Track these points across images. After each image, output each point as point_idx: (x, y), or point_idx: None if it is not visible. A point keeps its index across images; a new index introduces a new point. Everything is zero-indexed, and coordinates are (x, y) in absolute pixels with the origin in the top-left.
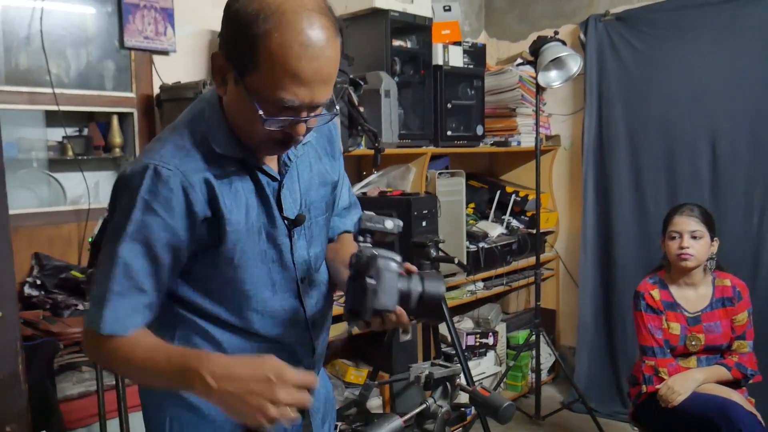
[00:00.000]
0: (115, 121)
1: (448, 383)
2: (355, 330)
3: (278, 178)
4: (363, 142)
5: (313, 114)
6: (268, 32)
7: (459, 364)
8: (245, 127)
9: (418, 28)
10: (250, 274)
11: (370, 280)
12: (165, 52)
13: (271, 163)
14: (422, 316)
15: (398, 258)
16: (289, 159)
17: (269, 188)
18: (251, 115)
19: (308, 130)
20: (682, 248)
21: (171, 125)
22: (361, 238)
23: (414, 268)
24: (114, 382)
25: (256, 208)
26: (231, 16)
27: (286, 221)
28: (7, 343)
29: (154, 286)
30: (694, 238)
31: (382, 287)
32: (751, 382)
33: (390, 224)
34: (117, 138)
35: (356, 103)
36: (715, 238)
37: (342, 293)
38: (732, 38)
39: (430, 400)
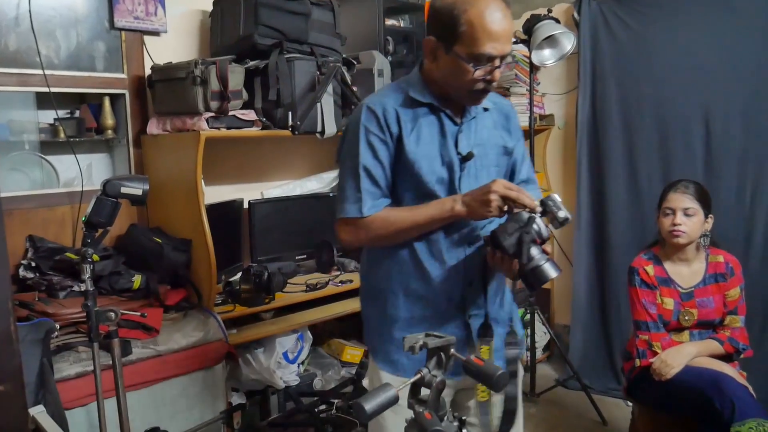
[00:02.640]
0: (106, 102)
1: (442, 353)
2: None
3: (457, 123)
4: None
5: (503, 63)
6: (466, 11)
7: (453, 336)
8: (457, 82)
9: (411, 7)
10: (425, 190)
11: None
12: (156, 33)
13: (457, 117)
14: (525, 280)
15: (545, 235)
16: (471, 115)
17: (450, 128)
18: (463, 72)
19: (500, 75)
20: (674, 225)
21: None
22: (538, 209)
23: (548, 249)
24: (111, 362)
25: (437, 141)
26: (436, 11)
27: (459, 155)
28: None
29: (385, 184)
30: (687, 215)
31: (511, 235)
32: (742, 356)
33: (562, 214)
34: (109, 120)
35: (349, 83)
36: (710, 216)
37: None
38: (726, 17)
39: (425, 370)
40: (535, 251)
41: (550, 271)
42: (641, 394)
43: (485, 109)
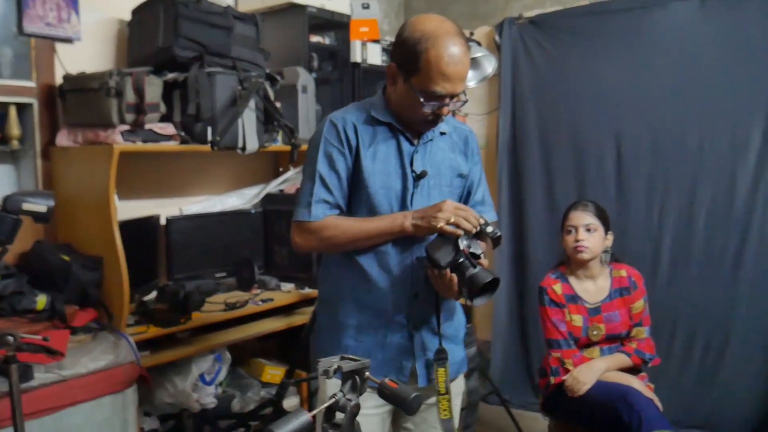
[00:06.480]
0: (12, 111)
1: (357, 376)
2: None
3: (414, 144)
4: (280, 138)
5: (452, 101)
6: (428, 49)
7: (368, 359)
8: (409, 110)
9: (337, 24)
10: (378, 203)
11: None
12: (69, 40)
13: (414, 138)
14: (465, 290)
15: (476, 251)
16: (428, 137)
17: (406, 148)
18: (414, 102)
19: (449, 112)
20: (577, 241)
21: None
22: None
23: (485, 262)
24: (8, 389)
25: (393, 158)
26: (402, 41)
27: (413, 173)
28: None
29: (339, 194)
30: (588, 230)
31: (445, 250)
32: (650, 365)
33: (489, 230)
34: (15, 130)
35: (272, 98)
36: (610, 232)
37: None
38: (637, 45)
39: (339, 394)
40: (466, 261)
41: (485, 275)
42: (556, 409)
43: (442, 133)
